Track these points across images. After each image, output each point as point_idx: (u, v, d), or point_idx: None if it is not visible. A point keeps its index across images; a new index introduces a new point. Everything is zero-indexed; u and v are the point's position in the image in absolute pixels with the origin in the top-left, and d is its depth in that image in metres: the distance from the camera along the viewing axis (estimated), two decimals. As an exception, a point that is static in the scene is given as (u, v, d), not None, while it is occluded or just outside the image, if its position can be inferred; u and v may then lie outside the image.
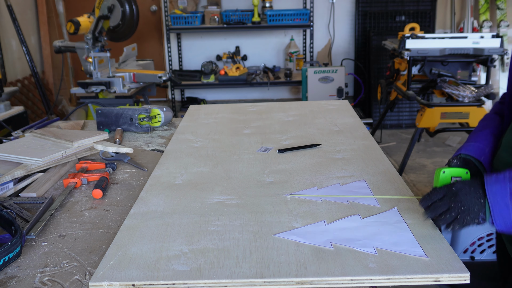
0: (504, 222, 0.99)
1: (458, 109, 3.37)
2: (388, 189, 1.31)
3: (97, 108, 2.05)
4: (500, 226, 1.00)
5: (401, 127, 5.10)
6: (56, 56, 5.01)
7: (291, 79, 5.17)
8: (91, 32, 3.41)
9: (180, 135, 1.88)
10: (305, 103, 2.29)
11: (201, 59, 5.54)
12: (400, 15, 5.21)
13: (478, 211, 1.01)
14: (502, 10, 5.12)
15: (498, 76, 5.17)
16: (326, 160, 1.55)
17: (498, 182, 1.01)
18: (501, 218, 0.99)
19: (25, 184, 1.50)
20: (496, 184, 1.01)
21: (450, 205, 1.03)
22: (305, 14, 5.07)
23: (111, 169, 1.59)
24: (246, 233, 1.10)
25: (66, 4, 5.44)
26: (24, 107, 3.56)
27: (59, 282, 1.00)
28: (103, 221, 1.26)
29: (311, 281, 0.93)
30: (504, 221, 0.99)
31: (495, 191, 1.00)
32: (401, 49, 3.55)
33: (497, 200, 0.99)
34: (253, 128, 1.94)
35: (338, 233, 1.08)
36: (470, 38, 3.51)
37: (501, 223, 0.99)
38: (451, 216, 1.03)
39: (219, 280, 0.94)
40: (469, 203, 1.02)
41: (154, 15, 5.62)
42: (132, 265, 0.99)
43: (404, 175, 3.80)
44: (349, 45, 5.56)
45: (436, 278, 0.93)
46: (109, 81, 3.34)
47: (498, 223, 0.99)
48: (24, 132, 1.94)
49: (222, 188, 1.36)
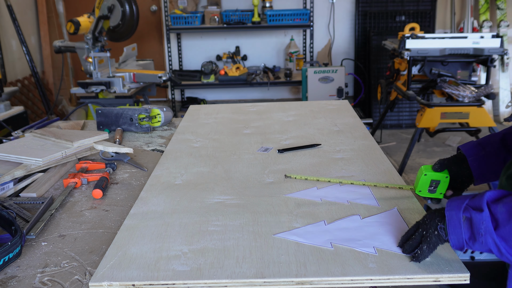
0: (457, 239, 0.93)
1: (458, 109, 3.37)
2: (388, 189, 1.31)
3: (97, 108, 2.05)
4: (453, 241, 0.93)
5: (401, 127, 5.10)
6: (56, 56, 5.01)
7: (291, 79, 5.17)
8: (91, 32, 3.41)
9: (180, 135, 1.88)
10: (305, 103, 2.29)
11: (201, 59, 5.54)
12: (400, 15, 5.21)
13: (434, 230, 0.96)
14: (502, 10, 5.12)
15: (498, 76, 5.17)
16: (326, 160, 1.55)
17: (459, 198, 0.96)
18: (455, 235, 0.93)
19: (25, 184, 1.50)
20: (456, 200, 0.96)
21: (420, 241, 0.97)
22: (305, 14, 5.07)
23: (111, 169, 1.59)
24: (246, 233, 1.10)
25: (66, 4, 5.44)
26: (24, 107, 3.56)
27: (59, 282, 1.00)
28: (103, 221, 1.26)
29: (311, 281, 0.93)
30: (457, 238, 0.93)
31: (453, 206, 0.94)
32: (401, 49, 3.55)
33: (452, 215, 0.93)
34: (253, 128, 1.93)
35: (338, 233, 1.08)
36: (470, 38, 3.51)
37: (454, 239, 0.93)
38: (415, 244, 0.98)
39: (219, 280, 0.94)
40: (429, 225, 0.96)
41: (154, 15, 5.62)
42: (132, 265, 0.99)
43: (404, 175, 3.80)
44: (349, 45, 5.56)
45: (436, 278, 0.93)
46: (109, 81, 3.34)
47: (452, 239, 0.94)
48: (24, 132, 1.94)
49: (222, 188, 1.36)
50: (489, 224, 0.90)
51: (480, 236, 0.90)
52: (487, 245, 0.91)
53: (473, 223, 0.91)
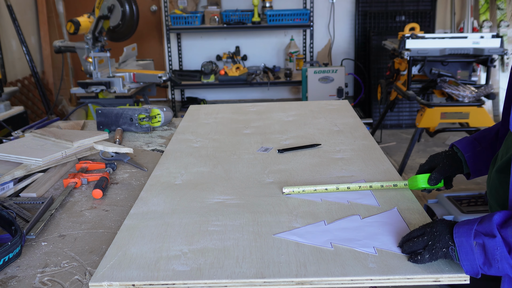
0: (471, 265, 0.92)
1: (458, 109, 3.37)
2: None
3: (97, 108, 2.05)
4: (467, 268, 0.92)
5: (401, 127, 5.10)
6: (56, 56, 5.01)
7: (291, 79, 5.16)
8: (91, 32, 3.41)
9: (180, 135, 1.88)
10: (305, 103, 2.29)
11: (201, 59, 5.54)
12: (400, 15, 5.21)
13: (443, 247, 0.94)
14: (502, 10, 5.12)
15: (498, 76, 5.17)
16: (326, 160, 1.55)
17: (466, 223, 0.95)
18: (468, 262, 0.92)
19: (25, 184, 1.50)
20: (463, 226, 0.95)
21: (427, 243, 0.96)
22: (305, 14, 5.07)
23: (111, 169, 1.59)
24: (246, 233, 1.10)
25: (66, 4, 5.44)
26: (24, 107, 3.56)
27: (59, 282, 1.00)
28: (103, 221, 1.26)
29: (311, 281, 0.93)
30: (471, 264, 0.92)
31: (461, 232, 0.94)
32: (401, 49, 3.55)
33: (463, 242, 0.92)
34: (253, 128, 1.94)
35: (338, 233, 1.08)
36: (470, 38, 3.51)
37: (468, 265, 0.92)
38: (418, 246, 0.97)
39: (219, 280, 0.94)
40: (438, 239, 0.95)
41: (154, 15, 5.62)
42: (132, 265, 0.99)
43: (404, 175, 3.80)
44: (349, 45, 5.56)
45: (436, 278, 0.93)
46: (109, 81, 3.34)
47: (465, 265, 0.92)
48: (24, 132, 1.94)
49: (222, 188, 1.36)
50: (503, 250, 0.90)
51: (496, 262, 0.91)
52: (504, 271, 0.91)
53: (487, 249, 0.91)
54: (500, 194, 1.10)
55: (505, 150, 1.09)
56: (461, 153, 1.29)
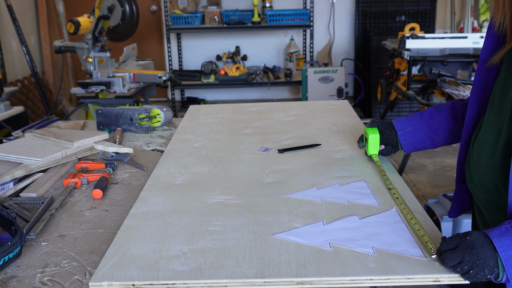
0: None
1: (458, 109, 3.36)
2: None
3: (97, 108, 2.05)
4: None
5: (401, 127, 5.09)
6: (56, 56, 5.01)
7: (291, 79, 5.17)
8: (91, 32, 3.41)
9: (180, 135, 1.88)
10: (305, 103, 2.29)
11: (201, 59, 5.55)
12: (400, 15, 5.21)
13: (493, 265, 0.90)
14: (502, 10, 5.11)
15: (498, 76, 5.17)
16: (326, 160, 1.55)
17: (503, 235, 0.92)
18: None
19: (25, 184, 1.50)
20: (504, 237, 0.92)
21: (463, 257, 0.91)
22: (305, 14, 5.07)
23: (111, 169, 1.59)
24: (246, 233, 1.10)
25: (66, 4, 5.44)
26: (24, 107, 3.56)
27: (59, 282, 1.00)
28: (103, 221, 1.26)
29: (311, 281, 0.93)
30: None
31: (506, 246, 0.90)
32: (401, 49, 3.55)
33: (510, 255, 0.90)
34: (253, 128, 1.94)
35: (336, 234, 1.08)
36: (470, 38, 3.51)
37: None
38: (462, 269, 0.91)
39: (219, 280, 0.94)
40: (485, 257, 0.91)
41: (154, 15, 5.62)
42: (132, 265, 0.99)
43: (404, 175, 3.80)
44: (349, 45, 5.56)
45: (436, 278, 0.93)
46: (109, 81, 3.34)
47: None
48: (24, 132, 1.94)
49: (222, 188, 1.36)
50: None
51: None
52: None
53: None
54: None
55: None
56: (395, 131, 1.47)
